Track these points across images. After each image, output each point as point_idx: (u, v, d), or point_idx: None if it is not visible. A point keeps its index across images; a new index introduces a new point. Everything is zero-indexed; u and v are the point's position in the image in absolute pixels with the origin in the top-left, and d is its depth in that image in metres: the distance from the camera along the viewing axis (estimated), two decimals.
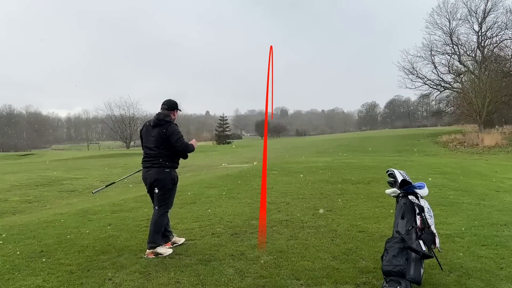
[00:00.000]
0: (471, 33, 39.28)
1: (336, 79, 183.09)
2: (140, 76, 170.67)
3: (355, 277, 3.82)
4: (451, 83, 42.25)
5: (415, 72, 41.09)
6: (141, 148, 5.15)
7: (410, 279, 3.31)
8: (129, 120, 74.65)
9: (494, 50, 38.89)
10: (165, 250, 4.69)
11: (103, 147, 72.70)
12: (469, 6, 37.88)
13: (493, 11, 37.02)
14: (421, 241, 3.56)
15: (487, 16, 37.49)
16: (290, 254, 4.53)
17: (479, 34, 38.67)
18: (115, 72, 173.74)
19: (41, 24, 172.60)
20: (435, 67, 40.99)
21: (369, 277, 3.82)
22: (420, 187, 3.89)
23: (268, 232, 5.43)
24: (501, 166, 15.94)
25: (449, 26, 39.00)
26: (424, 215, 3.68)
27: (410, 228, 3.61)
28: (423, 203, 3.79)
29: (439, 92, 43.94)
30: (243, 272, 4.02)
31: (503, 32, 37.33)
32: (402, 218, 3.71)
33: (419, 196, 3.85)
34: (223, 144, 66.45)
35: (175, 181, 4.88)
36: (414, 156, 23.00)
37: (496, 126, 40.07)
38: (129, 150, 56.36)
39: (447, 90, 43.05)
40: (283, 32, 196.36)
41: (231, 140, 73.91)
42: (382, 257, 3.53)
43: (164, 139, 4.74)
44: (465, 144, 30.14)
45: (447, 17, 38.91)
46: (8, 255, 4.84)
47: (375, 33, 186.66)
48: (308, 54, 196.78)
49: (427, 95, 46.80)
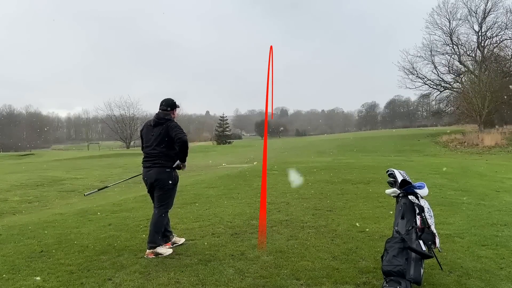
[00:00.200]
0: (471, 33, 39.32)
1: (336, 79, 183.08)
2: (140, 76, 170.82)
3: (355, 277, 3.83)
4: (451, 83, 42.25)
5: (415, 72, 41.11)
6: (140, 148, 5.14)
7: (410, 279, 3.31)
8: (129, 120, 74.59)
9: (494, 50, 38.86)
10: (165, 250, 4.70)
11: (103, 147, 72.63)
12: (469, 6, 37.91)
13: (493, 11, 37.04)
14: (421, 241, 3.57)
15: (487, 16, 37.49)
16: (290, 254, 4.53)
17: (479, 34, 38.68)
18: (115, 72, 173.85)
19: (41, 24, 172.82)
20: (435, 67, 41.03)
21: (369, 277, 3.82)
22: (420, 187, 3.89)
23: (268, 232, 5.43)
24: (501, 166, 15.94)
25: (449, 26, 39.04)
26: (424, 215, 3.69)
27: (410, 228, 3.61)
28: (423, 203, 3.79)
29: (439, 92, 43.95)
30: (243, 272, 4.02)
31: (503, 32, 37.36)
32: (402, 218, 3.71)
33: (419, 196, 3.85)
34: (223, 144, 66.45)
35: (175, 181, 4.88)
36: (414, 156, 23.00)
37: (496, 126, 40.07)
38: (129, 150, 56.34)
39: (447, 90, 43.05)
40: (283, 32, 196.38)
41: (231, 140, 73.90)
42: (382, 257, 3.53)
43: (164, 138, 4.73)
44: (465, 144, 30.14)
45: (447, 17, 38.94)
46: (8, 255, 4.84)
47: (375, 33, 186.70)
48: (308, 54, 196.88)
49: (427, 95, 46.83)
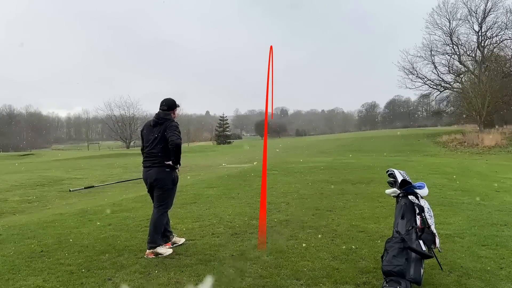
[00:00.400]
0: (471, 33, 39.29)
1: (336, 79, 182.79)
2: (140, 76, 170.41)
3: (355, 277, 3.83)
4: (451, 83, 42.23)
5: (415, 72, 41.08)
6: (140, 148, 5.14)
7: (410, 279, 3.31)
8: (129, 120, 74.64)
9: (494, 50, 38.86)
10: (165, 250, 4.70)
11: (103, 147, 72.68)
12: (469, 6, 37.89)
13: (493, 11, 37.02)
14: (421, 241, 3.57)
15: (487, 16, 37.46)
16: (290, 254, 4.53)
17: (479, 34, 38.65)
18: (115, 72, 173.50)
19: (42, 24, 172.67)
20: (435, 67, 40.99)
21: (369, 277, 3.82)
22: (420, 187, 3.89)
23: (268, 232, 5.42)
24: (501, 166, 15.94)
25: (449, 26, 39.01)
26: (424, 215, 3.69)
27: (410, 228, 3.61)
28: (423, 203, 3.79)
29: (439, 92, 43.92)
30: (243, 272, 4.02)
31: (503, 32, 37.33)
32: (402, 218, 3.71)
33: (419, 196, 3.85)
34: (223, 144, 66.45)
35: (175, 181, 4.88)
36: (414, 156, 23.01)
37: (496, 126, 40.07)
38: (129, 150, 56.36)
39: (447, 90, 43.04)
40: (283, 32, 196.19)
41: (232, 140, 73.92)
42: (382, 257, 3.53)
43: (163, 138, 4.73)
44: (465, 144, 30.15)
45: (447, 17, 38.92)
46: (8, 255, 4.83)
47: (375, 33, 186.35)
48: (308, 54, 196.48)
49: (427, 95, 46.74)
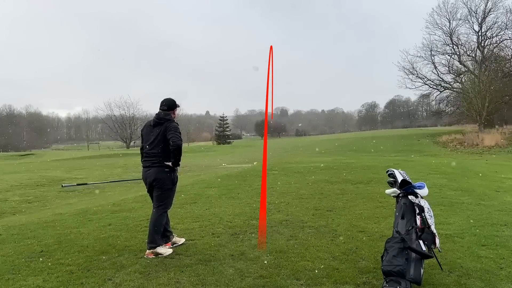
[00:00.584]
0: (471, 33, 39.28)
1: (336, 79, 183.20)
2: (140, 76, 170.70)
3: (355, 277, 3.83)
4: (451, 83, 42.22)
5: (415, 72, 41.07)
6: (140, 148, 5.15)
7: (410, 279, 3.31)
8: (129, 120, 74.64)
9: (494, 50, 38.85)
10: (165, 250, 4.70)
11: (103, 147, 72.67)
12: (469, 6, 37.89)
13: (493, 11, 37.00)
14: (421, 241, 3.57)
15: (487, 16, 37.46)
16: (290, 254, 4.53)
17: (479, 34, 38.64)
18: (115, 72, 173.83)
19: (42, 24, 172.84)
20: (435, 67, 40.99)
21: (369, 277, 3.82)
22: (420, 187, 3.90)
23: (268, 232, 5.43)
24: (501, 166, 15.94)
25: (449, 26, 39.00)
26: (424, 215, 3.69)
27: (410, 228, 3.61)
28: (423, 203, 3.79)
29: (439, 92, 43.91)
30: (243, 272, 4.02)
31: (503, 32, 37.31)
32: (402, 218, 3.71)
33: (419, 196, 3.85)
34: (223, 144, 66.45)
35: (174, 181, 4.88)
36: (414, 156, 23.00)
37: (496, 126, 40.08)
38: (129, 150, 56.35)
39: (447, 90, 43.02)
40: (283, 32, 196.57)
41: (232, 140, 73.92)
42: (382, 257, 3.53)
43: (163, 138, 4.73)
44: (465, 144, 30.13)
45: (447, 17, 38.91)
46: (8, 255, 4.83)
47: (375, 33, 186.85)
48: (308, 54, 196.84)
49: (427, 95, 46.80)
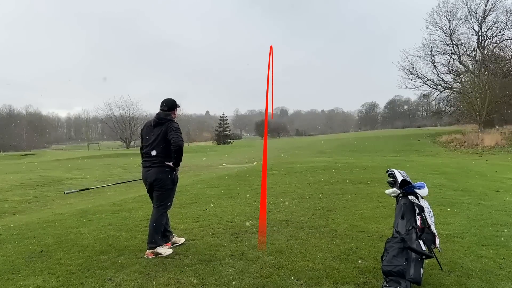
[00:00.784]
0: (471, 33, 39.33)
1: (336, 79, 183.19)
2: (139, 76, 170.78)
3: (355, 277, 3.83)
4: (451, 83, 42.26)
5: (415, 72, 41.14)
6: (140, 148, 5.14)
7: (410, 279, 3.31)
8: (129, 120, 74.66)
9: (494, 50, 38.90)
10: (165, 250, 4.70)
11: (103, 147, 72.66)
12: (469, 6, 37.94)
13: (493, 11, 37.05)
14: (421, 241, 3.57)
15: (487, 16, 37.50)
16: (290, 254, 4.53)
17: (479, 34, 38.68)
18: (115, 72, 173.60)
19: (42, 24, 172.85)
20: (435, 67, 41.05)
21: (369, 277, 3.82)
22: (420, 187, 3.89)
23: (268, 232, 5.43)
24: (501, 166, 15.94)
25: (449, 26, 39.05)
26: (424, 215, 3.69)
27: (410, 228, 3.61)
28: (423, 203, 3.79)
29: (439, 92, 43.97)
30: (243, 272, 4.02)
31: (503, 32, 37.37)
32: (402, 218, 3.71)
33: (419, 196, 3.85)
34: (223, 144, 66.45)
35: (175, 181, 4.88)
36: (414, 156, 23.00)
37: (496, 126, 40.04)
38: (129, 150, 56.36)
39: (447, 90, 43.07)
40: (283, 32, 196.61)
41: (232, 140, 73.92)
42: (382, 257, 3.53)
43: (164, 138, 4.73)
44: (465, 144, 30.12)
45: (447, 17, 38.96)
46: (8, 255, 4.84)
47: (375, 33, 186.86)
48: (308, 54, 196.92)
49: (427, 95, 46.84)
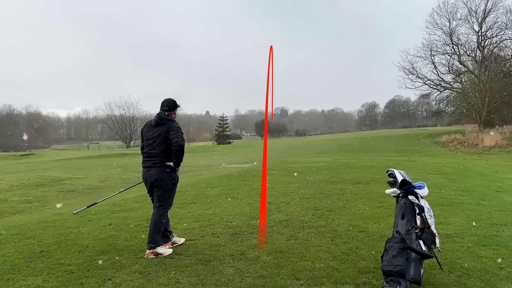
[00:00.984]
0: (471, 33, 39.26)
1: (336, 79, 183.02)
2: (139, 76, 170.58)
3: (355, 277, 3.83)
4: (451, 83, 42.22)
5: (415, 72, 41.05)
6: (140, 147, 5.14)
7: (410, 279, 3.31)
8: (129, 120, 74.66)
9: (494, 50, 38.85)
10: (165, 250, 4.70)
11: (103, 147, 72.70)
12: (469, 6, 37.87)
13: (493, 11, 36.99)
14: (421, 241, 3.57)
15: (487, 16, 37.44)
16: (290, 254, 4.53)
17: (479, 34, 38.62)
18: (115, 72, 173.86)
19: (42, 25, 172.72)
20: (435, 67, 40.97)
21: (369, 277, 3.82)
22: (420, 187, 3.90)
23: (268, 232, 5.43)
24: (501, 166, 15.94)
25: (449, 26, 38.98)
26: (424, 215, 3.69)
27: (410, 228, 3.62)
28: (423, 203, 3.79)
29: (439, 92, 43.89)
30: (243, 272, 4.02)
31: (503, 32, 37.29)
32: (402, 218, 3.71)
33: (419, 196, 3.85)
34: (223, 144, 66.44)
35: (175, 181, 4.88)
36: (414, 156, 23.00)
37: (496, 126, 40.03)
38: (129, 150, 56.34)
39: (447, 90, 43.01)
40: (283, 32, 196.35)
41: (232, 140, 73.90)
42: (382, 257, 3.53)
43: (165, 138, 4.73)
44: (465, 144, 30.12)
45: (447, 17, 38.89)
46: (8, 255, 4.84)
47: (375, 33, 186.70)
48: (308, 54, 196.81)
49: (427, 95, 46.72)
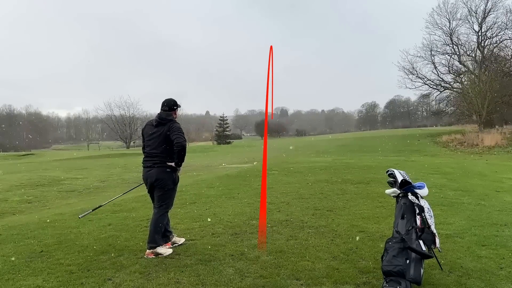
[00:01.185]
0: (471, 33, 39.26)
1: (336, 79, 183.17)
2: (139, 76, 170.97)
3: (355, 277, 3.83)
4: (451, 83, 42.22)
5: (415, 72, 41.05)
6: (141, 148, 5.15)
7: (410, 279, 3.31)
8: (129, 120, 74.69)
9: (494, 50, 38.84)
10: (165, 250, 4.70)
11: (103, 147, 72.73)
12: (469, 6, 37.88)
13: (493, 11, 37.00)
14: (421, 241, 3.57)
15: (487, 16, 37.45)
16: (290, 254, 4.53)
17: (479, 34, 38.63)
18: (115, 72, 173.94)
19: (42, 25, 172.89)
20: (435, 67, 40.98)
21: (369, 277, 3.82)
22: (420, 187, 3.90)
23: (268, 232, 5.43)
24: (501, 166, 15.94)
25: (449, 26, 38.99)
26: (424, 215, 3.69)
27: (410, 228, 3.62)
28: (423, 203, 3.79)
29: (439, 92, 43.90)
30: (243, 272, 4.02)
31: (503, 32, 37.28)
32: (402, 218, 3.71)
33: (419, 196, 3.85)
34: (223, 144, 66.43)
35: (176, 181, 4.88)
36: (414, 156, 22.99)
37: (496, 126, 40.03)
38: (129, 150, 56.37)
39: (447, 90, 43.01)
40: (282, 32, 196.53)
41: (232, 140, 73.89)
42: (382, 257, 3.53)
43: (166, 138, 4.73)
44: (465, 144, 30.10)
45: (447, 17, 38.90)
46: (8, 255, 4.84)
47: (374, 33, 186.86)
48: (308, 54, 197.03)
49: (427, 95, 46.75)
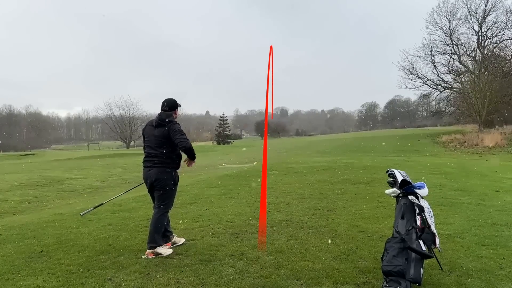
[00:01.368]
0: (471, 33, 39.35)
1: (336, 79, 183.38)
2: (140, 76, 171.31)
3: (355, 277, 3.83)
4: (451, 83, 42.28)
5: (415, 72, 41.16)
6: (141, 148, 5.15)
7: (410, 279, 3.31)
8: (129, 120, 74.67)
9: (494, 50, 38.87)
10: (165, 250, 4.70)
11: (103, 147, 72.74)
12: (469, 6, 37.95)
13: (493, 11, 37.07)
14: (421, 241, 3.57)
15: (487, 16, 37.52)
16: (290, 254, 4.53)
17: (479, 34, 38.68)
18: (115, 72, 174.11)
19: (42, 25, 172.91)
20: (435, 67, 41.06)
21: (369, 277, 3.82)
22: (420, 187, 3.90)
23: (268, 232, 5.43)
24: (501, 166, 15.94)
25: (449, 26, 39.07)
26: (424, 215, 3.69)
27: (410, 228, 3.62)
28: (423, 203, 3.79)
29: (439, 92, 44.00)
30: (243, 272, 4.02)
31: (503, 32, 37.37)
32: (402, 218, 3.71)
33: (419, 196, 3.85)
34: (223, 144, 66.44)
35: (176, 181, 4.89)
36: (414, 156, 22.99)
37: (496, 126, 40.06)
38: (129, 150, 56.36)
39: (447, 90, 43.09)
40: (282, 33, 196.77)
41: (232, 140, 73.89)
42: (382, 257, 3.53)
43: (166, 139, 4.73)
44: (465, 144, 30.12)
45: (447, 17, 38.97)
46: (8, 255, 4.84)
47: (374, 33, 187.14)
48: (308, 54, 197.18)
49: (427, 95, 46.84)
